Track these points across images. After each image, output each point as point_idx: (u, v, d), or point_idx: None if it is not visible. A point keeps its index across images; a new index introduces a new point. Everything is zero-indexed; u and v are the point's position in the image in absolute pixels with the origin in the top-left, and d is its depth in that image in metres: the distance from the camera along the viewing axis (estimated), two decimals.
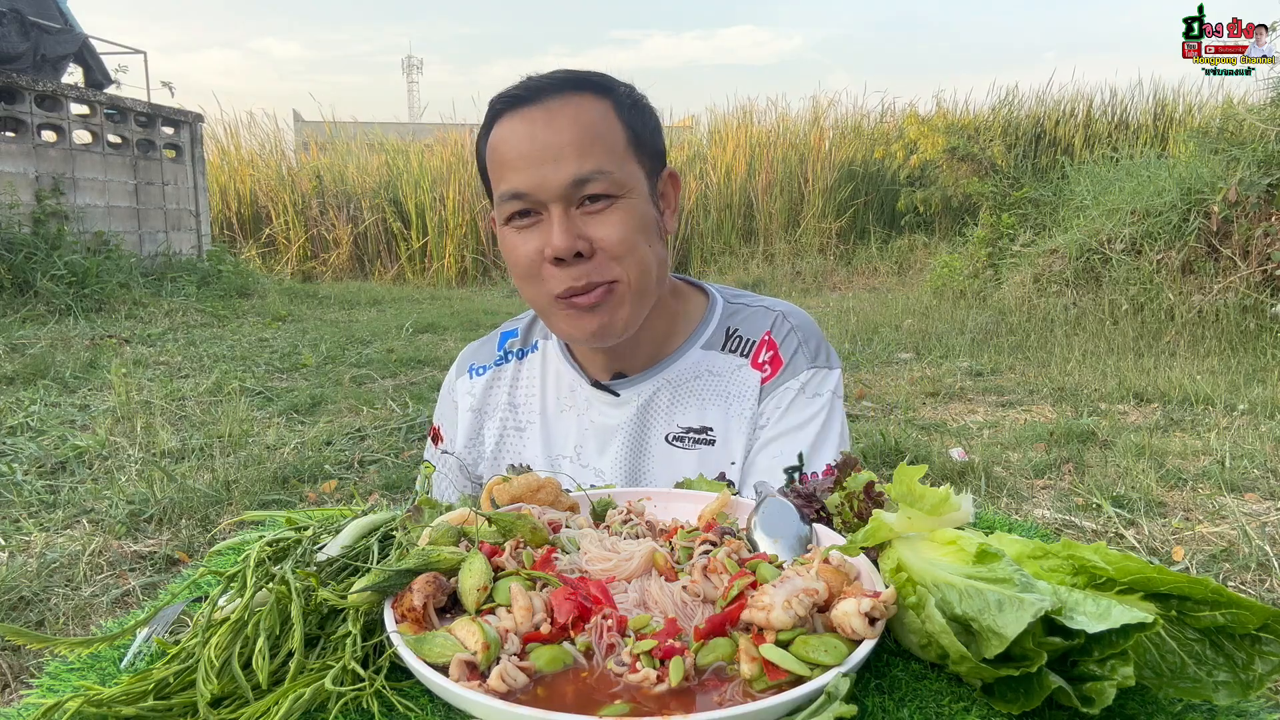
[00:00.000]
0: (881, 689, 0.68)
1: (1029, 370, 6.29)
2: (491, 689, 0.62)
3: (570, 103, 1.19)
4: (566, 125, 1.17)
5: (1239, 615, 0.64)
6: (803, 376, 1.34)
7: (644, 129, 1.25)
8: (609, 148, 1.18)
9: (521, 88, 1.21)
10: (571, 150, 1.15)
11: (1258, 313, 6.57)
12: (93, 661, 0.76)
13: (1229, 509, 3.47)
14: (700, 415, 1.33)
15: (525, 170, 1.17)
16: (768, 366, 1.34)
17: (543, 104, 1.18)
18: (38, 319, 7.84)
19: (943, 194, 12.02)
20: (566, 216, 1.16)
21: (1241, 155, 7.01)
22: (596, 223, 1.17)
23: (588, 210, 1.17)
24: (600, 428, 1.35)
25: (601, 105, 1.20)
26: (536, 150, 1.16)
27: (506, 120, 1.20)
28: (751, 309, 1.40)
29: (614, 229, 1.17)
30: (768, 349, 1.35)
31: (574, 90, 1.20)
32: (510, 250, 1.23)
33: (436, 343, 7.88)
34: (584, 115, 1.18)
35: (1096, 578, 0.69)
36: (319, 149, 16.21)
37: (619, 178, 1.18)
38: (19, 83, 9.26)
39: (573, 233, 1.16)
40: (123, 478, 3.94)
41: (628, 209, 1.19)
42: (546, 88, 1.20)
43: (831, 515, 0.91)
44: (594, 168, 1.16)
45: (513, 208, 1.19)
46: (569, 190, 1.16)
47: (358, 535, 0.84)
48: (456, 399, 1.49)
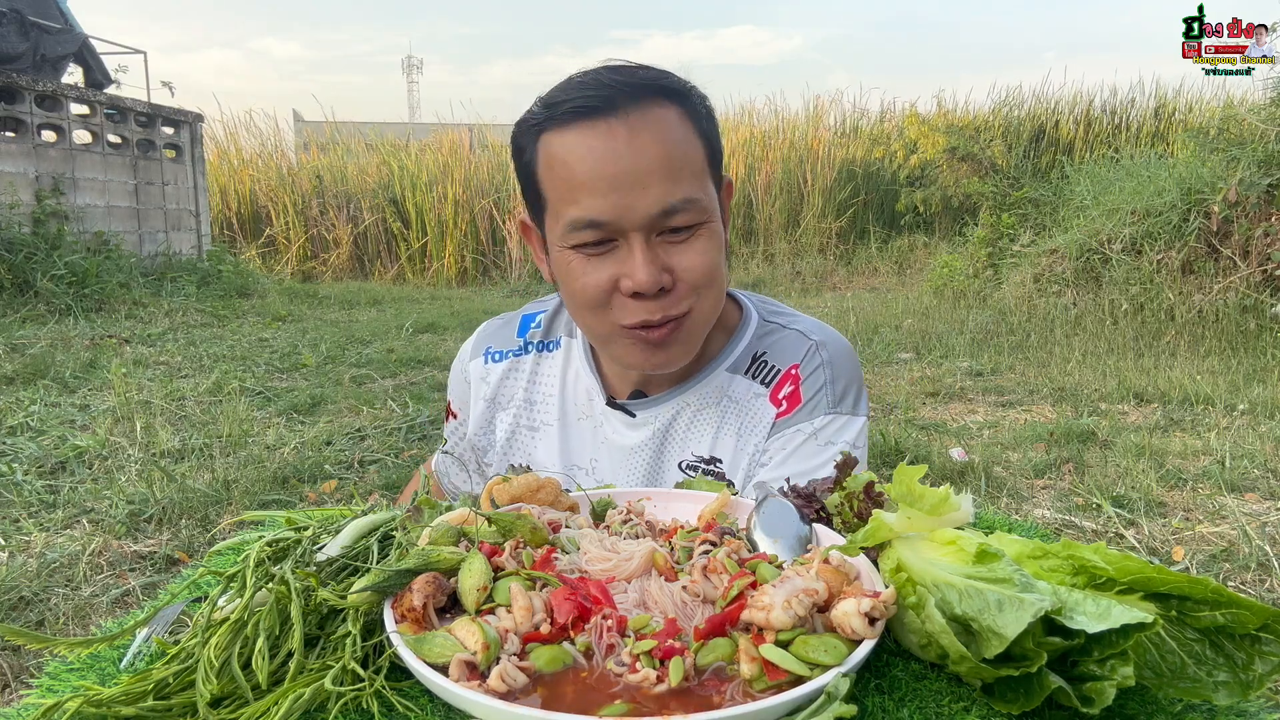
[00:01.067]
0: (881, 689, 0.68)
1: (1029, 370, 6.29)
2: (491, 689, 0.62)
3: (651, 117, 1.05)
4: (652, 145, 1.04)
5: (1239, 615, 0.64)
6: (818, 421, 1.21)
7: (717, 139, 1.14)
8: (694, 171, 1.08)
9: (593, 92, 1.06)
10: (659, 176, 1.04)
11: (1258, 313, 6.57)
12: (92, 661, 0.76)
13: (1229, 509, 3.47)
14: (713, 444, 1.25)
15: (605, 196, 1.04)
16: (785, 402, 1.23)
17: (622, 116, 1.04)
18: (38, 319, 7.84)
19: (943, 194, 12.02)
20: (649, 248, 1.05)
21: (1241, 155, 7.01)
22: (680, 252, 1.07)
23: (670, 239, 1.07)
24: (615, 447, 1.28)
25: (682, 118, 1.08)
26: (620, 174, 1.03)
27: (578, 131, 1.05)
28: (785, 333, 1.28)
29: (699, 259, 1.08)
30: (790, 383, 1.23)
31: (652, 99, 1.06)
32: (573, 278, 1.10)
33: (436, 343, 7.88)
34: (669, 133, 1.06)
35: (1096, 578, 0.69)
36: (319, 149, 16.22)
37: (705, 205, 1.08)
38: (19, 83, 9.26)
39: (658, 266, 1.06)
40: (123, 478, 3.94)
41: (710, 235, 1.09)
42: (623, 95, 1.05)
43: (831, 515, 0.91)
44: (684, 196, 1.05)
45: (585, 237, 1.07)
46: (654, 220, 1.05)
47: (358, 535, 0.84)
48: (470, 380, 1.40)
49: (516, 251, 13.92)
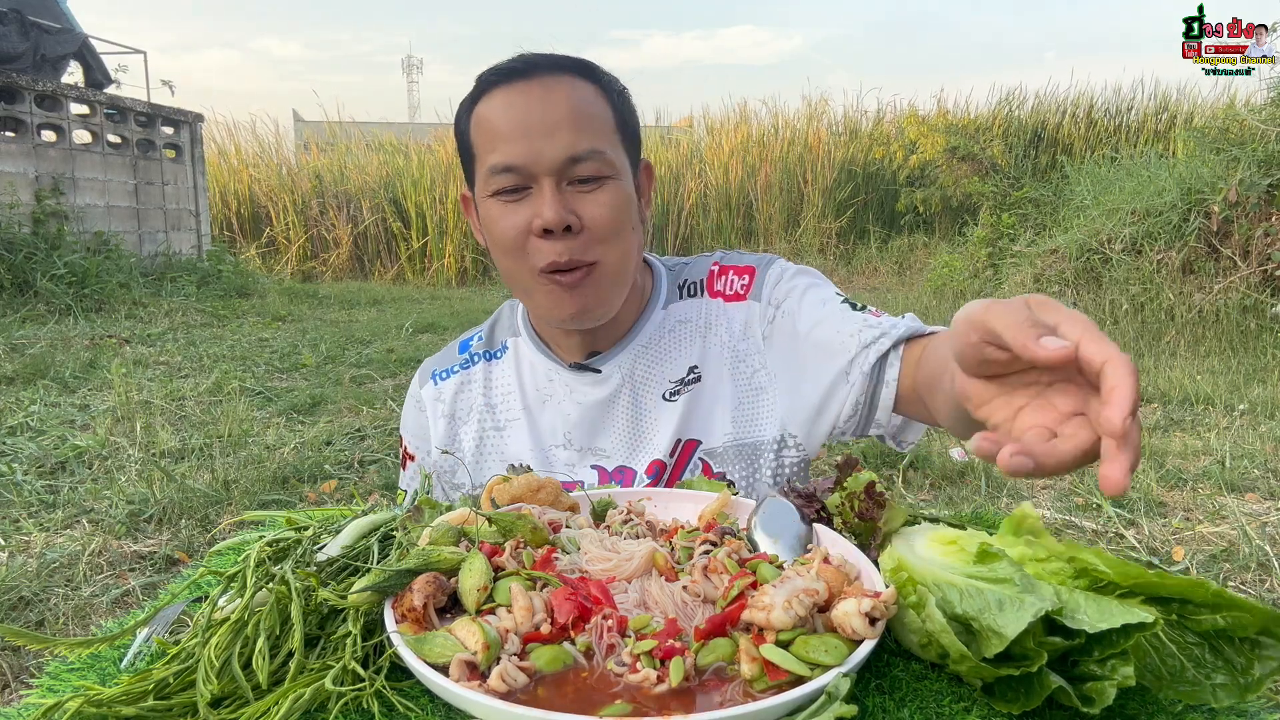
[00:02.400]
0: (882, 689, 0.68)
1: None
2: (491, 689, 0.62)
3: (564, 81, 1.19)
4: (562, 101, 1.17)
5: (1239, 618, 0.64)
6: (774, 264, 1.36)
7: (629, 116, 1.27)
8: (601, 129, 1.20)
9: (516, 61, 1.21)
10: (567, 126, 1.16)
11: (1258, 313, 6.57)
12: (93, 661, 0.76)
13: (1229, 509, 3.47)
14: (685, 360, 1.34)
15: (518, 142, 1.16)
16: (733, 281, 1.36)
17: (538, 79, 1.18)
18: (38, 319, 7.84)
19: (943, 194, 12.02)
20: (557, 191, 1.16)
21: (1241, 155, 7.02)
22: (586, 201, 1.18)
23: (578, 189, 1.18)
24: (588, 406, 1.34)
25: (592, 88, 1.22)
26: (532, 122, 1.16)
27: (498, 92, 1.20)
28: (690, 263, 1.43)
29: (602, 209, 1.18)
30: (721, 274, 1.37)
31: (565, 72, 1.21)
32: (493, 223, 1.21)
33: (436, 343, 7.87)
34: (577, 94, 1.19)
35: (1098, 581, 0.69)
36: (319, 149, 16.22)
37: (610, 159, 1.19)
38: (19, 83, 9.27)
39: (564, 206, 1.16)
40: (123, 478, 3.94)
41: (616, 190, 1.20)
42: (540, 64, 1.20)
43: (831, 515, 0.91)
44: (589, 146, 1.16)
45: (502, 182, 1.18)
46: (562, 165, 1.16)
47: (358, 535, 0.84)
48: (423, 407, 1.44)
49: None
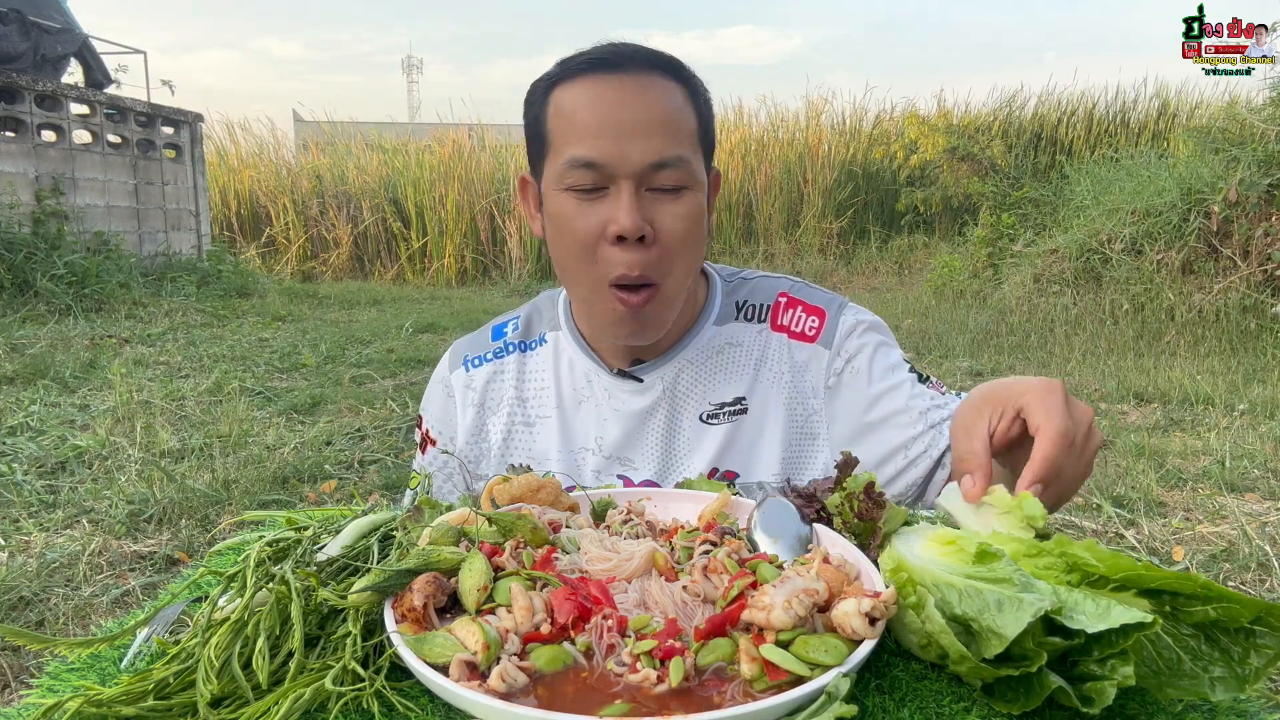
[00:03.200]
0: (882, 689, 0.68)
1: (1029, 370, 6.29)
2: (491, 689, 0.62)
3: (657, 81, 1.14)
4: (654, 103, 1.12)
5: (1230, 609, 0.64)
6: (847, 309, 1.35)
7: (711, 124, 1.22)
8: (687, 136, 1.15)
9: (605, 51, 1.15)
10: (657, 131, 1.11)
11: (1258, 313, 6.57)
12: (93, 661, 0.76)
13: (1229, 509, 3.47)
14: (731, 388, 1.30)
15: (604, 139, 1.10)
16: (803, 320, 1.32)
17: (630, 74, 1.13)
18: (38, 319, 7.84)
19: (943, 194, 12.03)
20: (636, 196, 1.12)
21: (1241, 155, 7.02)
22: (664, 210, 1.13)
23: (657, 197, 1.14)
24: (625, 415, 1.30)
25: (681, 91, 1.17)
26: (622, 120, 1.11)
27: (585, 82, 1.14)
28: (751, 282, 1.38)
29: (679, 221, 1.14)
30: (790, 307, 1.33)
31: (657, 70, 1.15)
32: (565, 219, 1.15)
33: (436, 343, 7.87)
34: (669, 98, 1.14)
35: (1089, 575, 0.69)
36: (319, 149, 16.22)
37: (692, 168, 1.15)
38: (19, 83, 9.27)
39: (642, 214, 1.12)
40: (123, 478, 3.94)
41: (693, 202, 1.16)
42: (632, 58, 1.14)
43: (832, 515, 0.91)
44: (675, 153, 1.12)
45: (580, 178, 1.12)
46: (646, 170, 1.11)
47: (358, 535, 0.84)
48: (452, 392, 1.41)
49: (516, 251, 13.92)
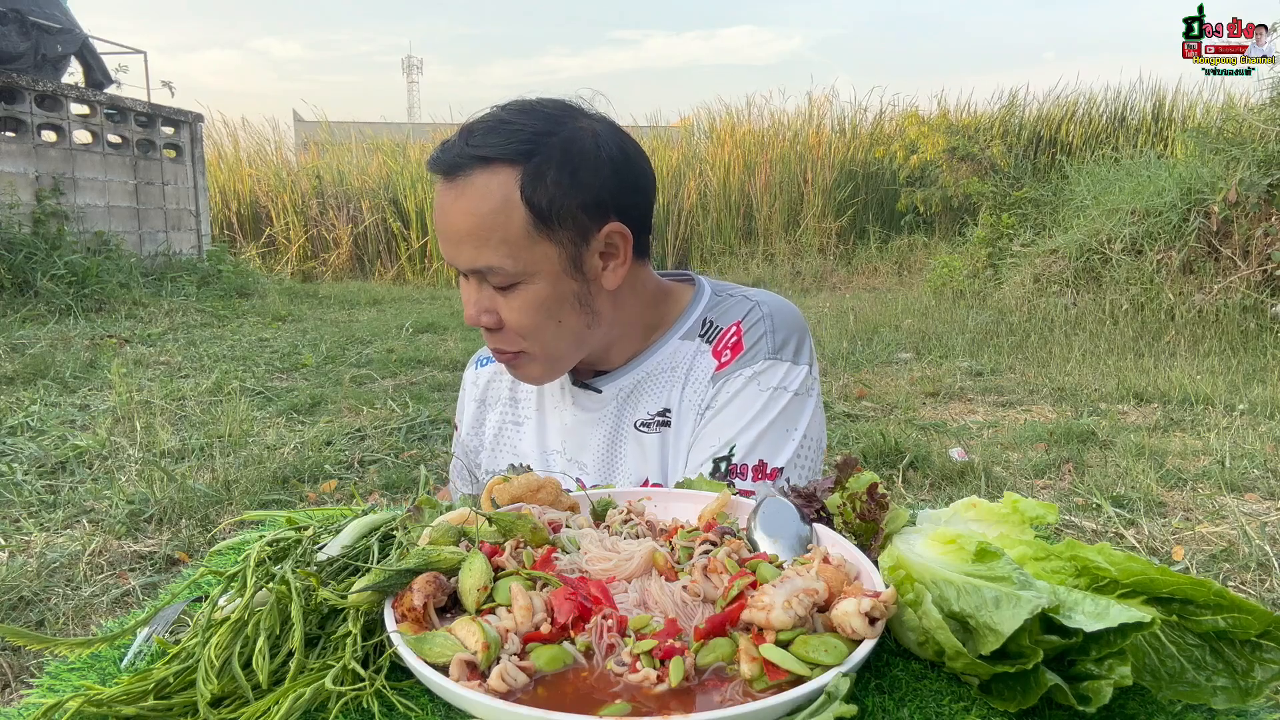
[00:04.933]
0: (881, 689, 0.68)
1: (1029, 370, 6.29)
2: (491, 689, 0.62)
3: (473, 185, 1.16)
4: (463, 216, 1.17)
5: (1240, 620, 0.64)
6: (758, 365, 1.28)
7: (565, 197, 1.16)
8: (505, 238, 1.16)
9: (438, 159, 1.20)
10: (469, 241, 1.18)
11: (1258, 313, 6.57)
12: (93, 661, 0.76)
13: (1229, 509, 3.47)
14: (663, 399, 1.34)
15: (443, 244, 1.23)
16: (727, 353, 1.31)
17: (453, 182, 1.18)
18: (38, 319, 7.83)
19: (943, 194, 12.02)
20: (478, 290, 1.22)
21: (1241, 155, 7.02)
22: (503, 303, 1.22)
23: (497, 291, 1.21)
24: (580, 422, 1.39)
25: (506, 186, 1.15)
26: (444, 230, 1.21)
27: (436, 180, 1.23)
28: (734, 299, 1.37)
29: (515, 313, 1.21)
30: (732, 335, 1.32)
31: (483, 166, 1.16)
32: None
33: (436, 343, 7.87)
34: (483, 204, 1.16)
35: (1099, 579, 0.69)
36: (318, 149, 16.21)
37: (516, 268, 1.18)
38: (19, 83, 9.26)
39: (480, 307, 1.22)
40: (123, 478, 3.94)
41: (528, 294, 1.20)
42: (457, 163, 1.18)
43: (832, 515, 0.91)
44: (486, 263, 1.18)
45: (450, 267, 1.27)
46: (471, 273, 1.21)
47: (358, 535, 0.84)
48: (465, 388, 1.57)
49: None
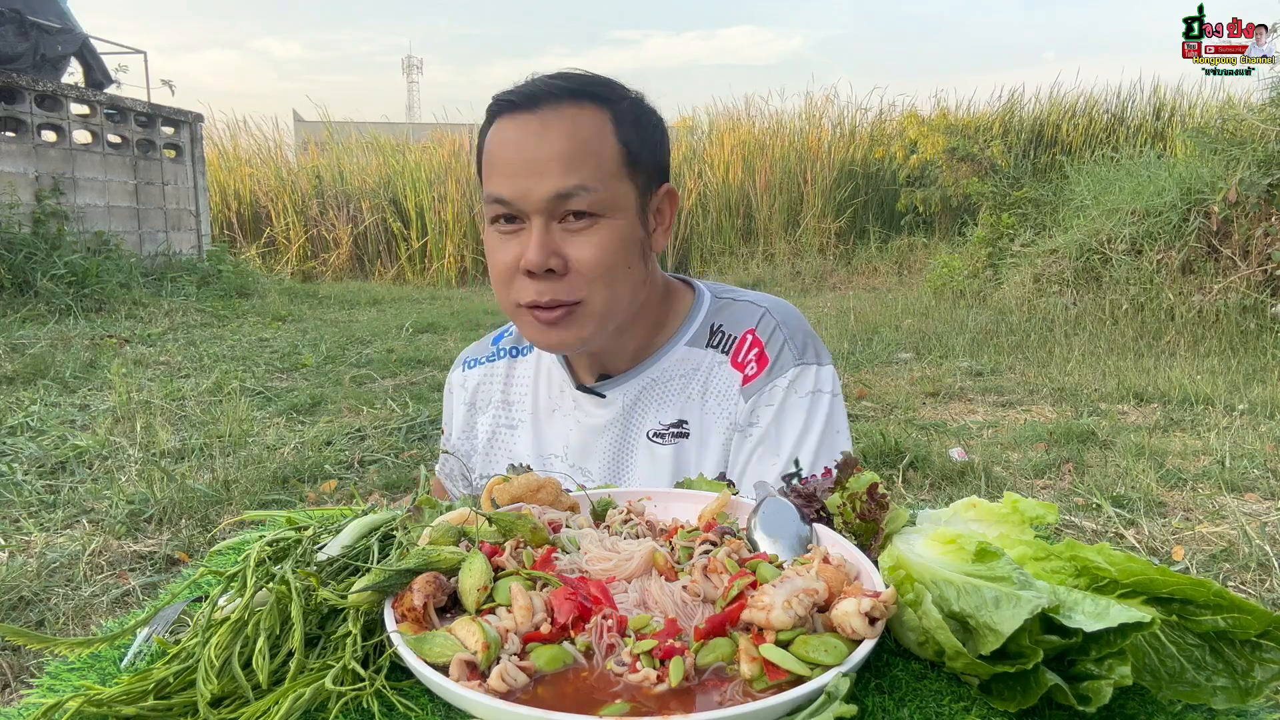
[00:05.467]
0: (881, 689, 0.68)
1: (1029, 370, 6.29)
2: (491, 689, 0.62)
3: (566, 114, 1.17)
4: (557, 138, 1.15)
5: (1241, 620, 0.64)
6: (789, 374, 1.29)
7: (642, 145, 1.22)
8: (599, 164, 1.17)
9: (519, 92, 1.20)
10: (558, 164, 1.14)
11: (1258, 313, 6.57)
12: (93, 661, 0.76)
13: (1229, 509, 3.47)
14: (679, 410, 1.32)
15: (511, 178, 1.16)
16: (753, 365, 1.31)
17: (538, 112, 1.17)
18: (38, 319, 7.84)
19: (943, 194, 12.02)
20: (546, 231, 1.16)
21: (1241, 155, 7.02)
22: (575, 241, 1.17)
23: (569, 227, 1.17)
24: (586, 429, 1.35)
25: (599, 118, 1.18)
26: (524, 159, 1.16)
27: (502, 123, 1.20)
28: (738, 304, 1.37)
29: (591, 250, 1.17)
30: (752, 347, 1.32)
31: (573, 100, 1.18)
32: (490, 252, 1.24)
33: (436, 343, 7.87)
34: (579, 129, 1.17)
35: (1099, 579, 0.69)
36: (318, 149, 16.21)
37: (604, 196, 1.16)
38: (19, 83, 9.27)
39: (548, 249, 1.16)
40: (123, 478, 3.94)
41: (609, 229, 1.17)
42: (545, 94, 1.18)
43: (832, 515, 0.91)
44: (578, 182, 1.14)
45: (496, 211, 1.20)
46: (551, 204, 1.15)
47: (358, 535, 0.84)
48: (452, 389, 1.53)
49: None
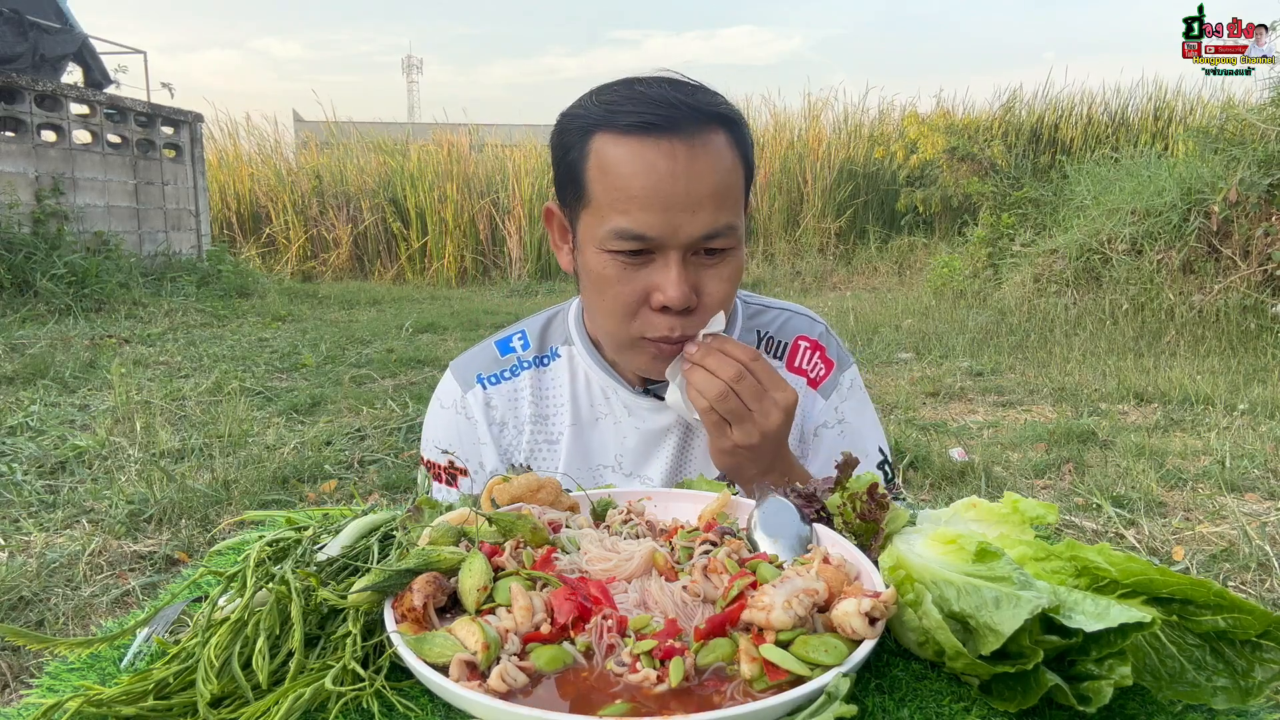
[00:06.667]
0: (881, 689, 0.68)
1: (1029, 370, 6.29)
2: (491, 689, 0.62)
3: (710, 143, 1.09)
4: (707, 172, 1.07)
5: (1241, 620, 0.64)
6: (848, 372, 1.38)
7: (751, 168, 1.17)
8: (736, 197, 1.12)
9: (652, 110, 1.07)
10: (711, 201, 1.08)
11: (1258, 313, 6.57)
12: (93, 661, 0.76)
13: (1229, 509, 3.47)
14: None
15: (657, 214, 1.07)
16: (819, 367, 1.35)
17: (684, 139, 1.07)
18: (38, 319, 7.83)
19: (943, 194, 12.02)
20: (685, 266, 1.09)
21: (1241, 155, 7.02)
22: (709, 275, 1.12)
23: (704, 261, 1.12)
24: (644, 432, 1.29)
25: (729, 144, 1.11)
26: (676, 195, 1.06)
27: (639, 144, 1.07)
28: (774, 311, 1.39)
29: (722, 285, 1.13)
30: (812, 351, 1.36)
31: (710, 125, 1.10)
32: (608, 284, 1.13)
33: (436, 343, 7.87)
34: (721, 161, 1.10)
35: (1099, 579, 0.69)
36: (318, 149, 16.21)
37: (739, 231, 1.13)
38: (19, 83, 9.26)
39: (690, 285, 1.10)
40: (123, 478, 3.94)
41: (736, 261, 1.14)
42: (685, 118, 1.07)
43: (832, 515, 0.91)
44: (726, 222, 1.09)
45: (625, 245, 1.09)
46: (697, 242, 1.09)
47: (358, 535, 0.84)
48: (471, 413, 1.33)
49: (516, 251, 13.92)
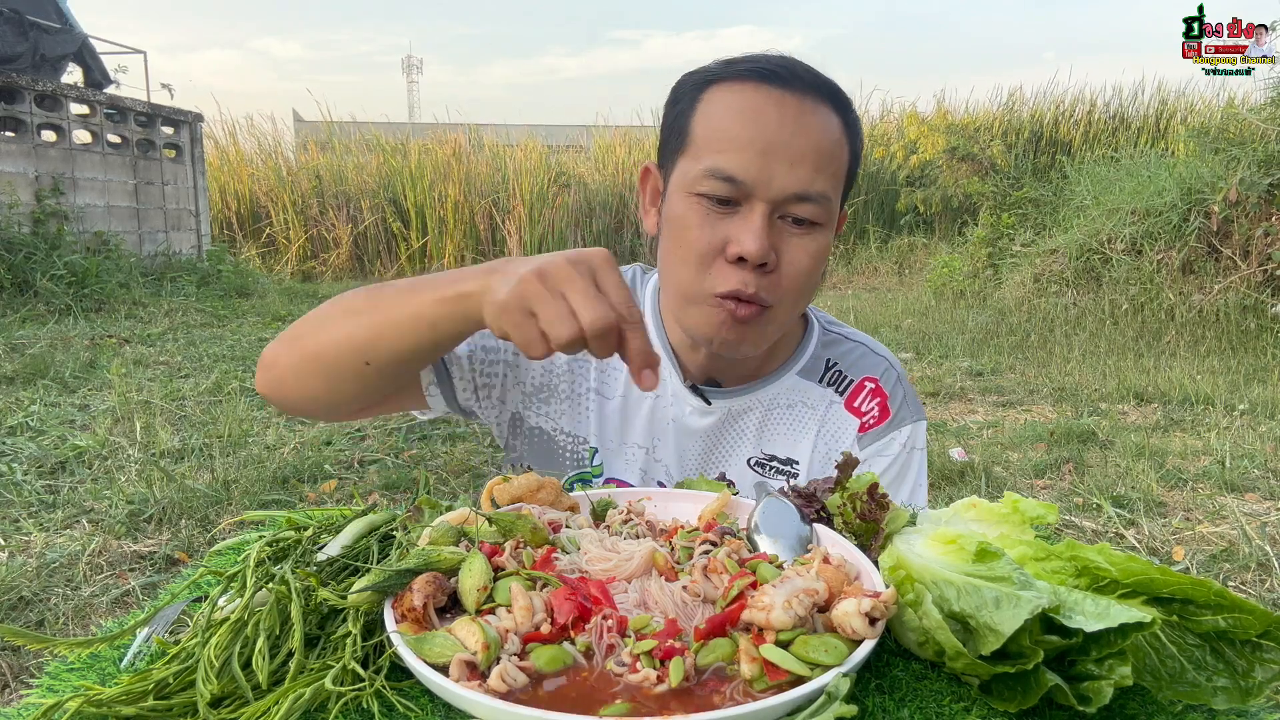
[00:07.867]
0: (882, 689, 0.68)
1: (1029, 370, 6.29)
2: (491, 689, 0.62)
3: (822, 109, 1.08)
4: (815, 132, 1.06)
5: (1241, 620, 0.64)
6: (906, 430, 1.29)
7: (857, 162, 1.17)
8: (835, 173, 1.10)
9: (776, 62, 1.08)
10: (812, 160, 1.06)
11: (1258, 312, 6.57)
12: (93, 661, 0.76)
13: (1229, 509, 3.47)
14: (790, 447, 1.27)
15: (751, 156, 1.04)
16: (874, 413, 1.29)
17: (796, 93, 1.06)
18: (38, 319, 7.83)
19: (943, 194, 12.02)
20: (769, 221, 1.07)
21: (1241, 155, 7.02)
22: (791, 243, 1.09)
23: (789, 229, 1.09)
24: (682, 428, 1.27)
25: (839, 124, 1.11)
26: (777, 142, 1.04)
27: (747, 89, 1.07)
28: (851, 344, 1.34)
29: (805, 257, 1.10)
30: (873, 396, 1.29)
31: (827, 98, 1.09)
32: (688, 228, 1.10)
33: None
34: (830, 131, 1.08)
35: (1099, 579, 0.69)
36: (318, 149, 16.21)
37: (831, 208, 1.10)
38: (19, 83, 9.26)
39: (769, 241, 1.06)
40: (123, 478, 3.94)
41: (821, 241, 1.11)
42: (804, 80, 1.08)
43: (832, 515, 0.91)
44: (821, 189, 1.07)
45: (714, 188, 1.06)
46: (785, 198, 1.06)
47: (358, 535, 0.84)
48: None
49: (516, 251, 13.91)
